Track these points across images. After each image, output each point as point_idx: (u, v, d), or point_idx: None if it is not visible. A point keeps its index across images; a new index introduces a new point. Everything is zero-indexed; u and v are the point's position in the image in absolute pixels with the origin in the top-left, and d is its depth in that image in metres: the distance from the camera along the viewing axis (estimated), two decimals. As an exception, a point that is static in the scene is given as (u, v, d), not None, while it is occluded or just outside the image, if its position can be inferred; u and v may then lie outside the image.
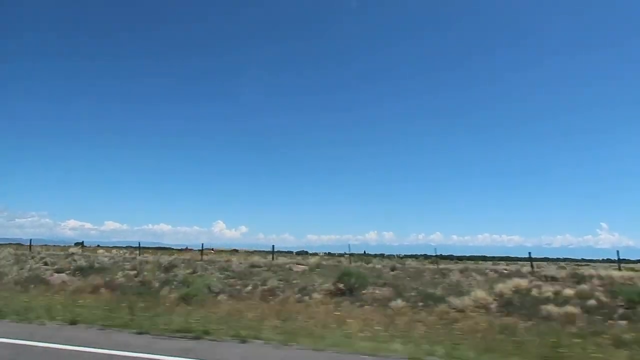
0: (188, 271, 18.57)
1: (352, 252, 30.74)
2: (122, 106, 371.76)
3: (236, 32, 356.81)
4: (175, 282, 16.07)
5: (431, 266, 22.57)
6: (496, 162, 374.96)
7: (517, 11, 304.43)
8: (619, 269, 20.46)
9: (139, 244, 31.41)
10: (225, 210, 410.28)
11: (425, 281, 16.81)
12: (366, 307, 12.60)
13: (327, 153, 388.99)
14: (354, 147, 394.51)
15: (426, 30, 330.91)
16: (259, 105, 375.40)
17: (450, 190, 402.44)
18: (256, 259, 24.35)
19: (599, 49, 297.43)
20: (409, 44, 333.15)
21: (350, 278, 14.72)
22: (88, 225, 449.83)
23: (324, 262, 22.98)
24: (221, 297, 13.98)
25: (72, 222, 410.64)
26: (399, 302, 12.83)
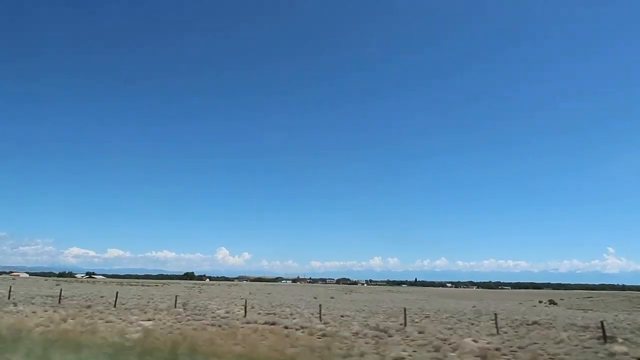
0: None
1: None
2: (125, 132, 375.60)
3: (239, 57, 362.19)
4: None
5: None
6: (502, 186, 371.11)
7: (519, 25, 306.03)
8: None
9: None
10: (229, 237, 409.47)
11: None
12: None
13: (329, 178, 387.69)
14: (357, 172, 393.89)
15: (428, 48, 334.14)
16: (263, 134, 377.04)
17: (455, 216, 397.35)
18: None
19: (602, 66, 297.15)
20: (411, 62, 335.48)
21: None
22: (91, 252, 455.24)
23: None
24: None
25: (75, 250, 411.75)
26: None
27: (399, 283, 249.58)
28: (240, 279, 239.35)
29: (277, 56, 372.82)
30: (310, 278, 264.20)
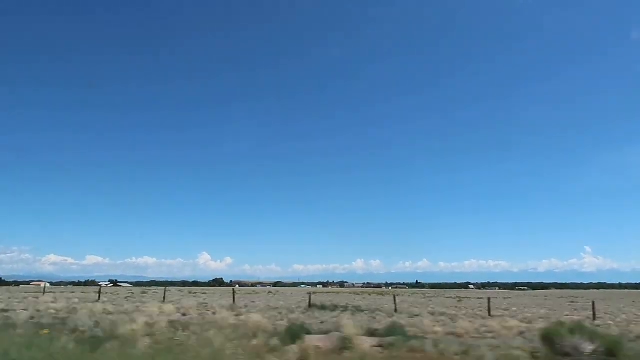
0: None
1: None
2: (103, 138, 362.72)
3: (220, 65, 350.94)
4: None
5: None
6: (481, 188, 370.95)
7: (505, 29, 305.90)
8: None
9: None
10: (210, 242, 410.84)
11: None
12: None
13: (311, 182, 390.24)
14: (337, 175, 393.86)
15: (409, 53, 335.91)
16: (242, 136, 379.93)
17: (436, 217, 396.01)
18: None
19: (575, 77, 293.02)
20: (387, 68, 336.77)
21: None
22: (69, 260, 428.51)
23: None
24: None
25: (53, 257, 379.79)
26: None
27: (398, 286, 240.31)
28: (236, 283, 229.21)
29: (255, 62, 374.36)
30: (333, 281, 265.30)
